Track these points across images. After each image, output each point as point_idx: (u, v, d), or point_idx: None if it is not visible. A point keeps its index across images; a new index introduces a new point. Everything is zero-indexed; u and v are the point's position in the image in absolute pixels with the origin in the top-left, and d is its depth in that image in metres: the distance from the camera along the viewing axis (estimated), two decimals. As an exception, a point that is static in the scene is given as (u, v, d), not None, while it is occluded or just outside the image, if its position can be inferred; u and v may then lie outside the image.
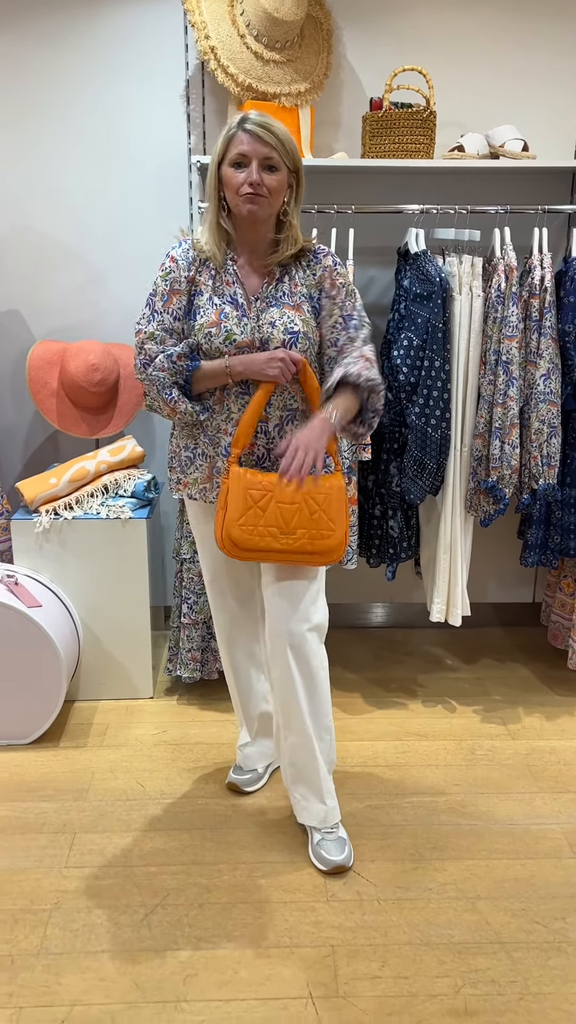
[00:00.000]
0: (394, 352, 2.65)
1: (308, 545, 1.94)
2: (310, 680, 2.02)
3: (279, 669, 2.04)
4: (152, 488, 2.88)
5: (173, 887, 2.03)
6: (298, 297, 1.96)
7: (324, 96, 2.90)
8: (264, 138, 1.84)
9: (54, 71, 2.89)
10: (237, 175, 1.87)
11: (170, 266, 1.97)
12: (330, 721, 2.09)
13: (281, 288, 1.96)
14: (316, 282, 1.98)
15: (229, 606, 2.22)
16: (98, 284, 3.08)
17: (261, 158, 1.85)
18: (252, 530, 1.92)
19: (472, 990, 1.75)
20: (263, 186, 1.86)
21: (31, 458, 3.21)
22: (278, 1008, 1.71)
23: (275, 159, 1.86)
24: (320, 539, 1.94)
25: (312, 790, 2.10)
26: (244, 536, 1.91)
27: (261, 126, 1.84)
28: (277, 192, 1.89)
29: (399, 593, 3.39)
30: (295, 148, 1.89)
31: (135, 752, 2.57)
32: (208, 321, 1.93)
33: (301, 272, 1.98)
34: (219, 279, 1.96)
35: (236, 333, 1.92)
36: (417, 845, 2.18)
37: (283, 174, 1.88)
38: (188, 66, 2.91)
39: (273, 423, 1.98)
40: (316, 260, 1.99)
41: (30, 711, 2.59)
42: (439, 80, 2.86)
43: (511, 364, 2.57)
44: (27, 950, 1.85)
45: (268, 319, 1.93)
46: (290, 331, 1.92)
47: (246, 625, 2.25)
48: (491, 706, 2.86)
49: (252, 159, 1.85)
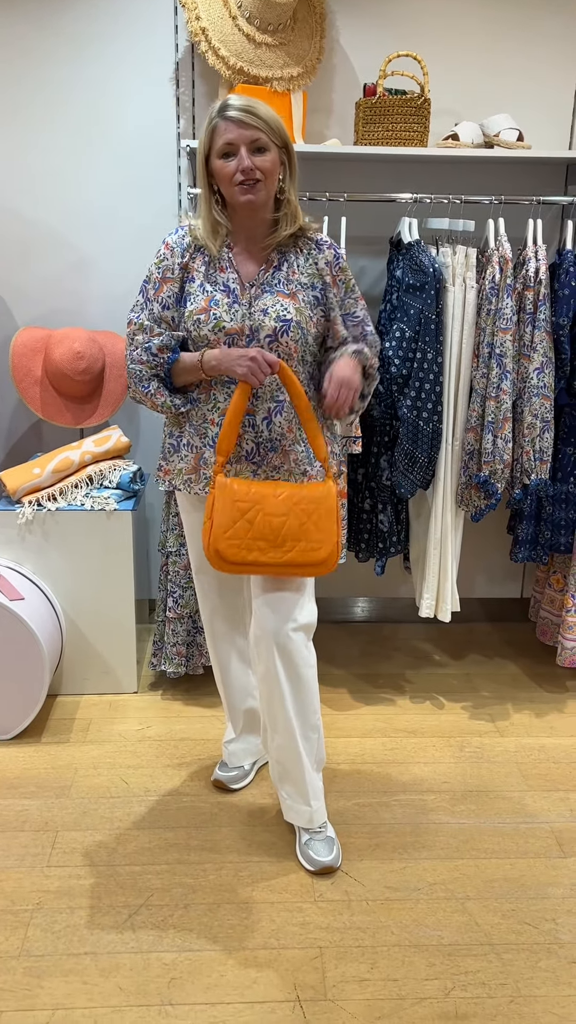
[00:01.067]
0: (386, 344, 2.60)
1: (298, 557, 1.87)
2: (296, 680, 1.98)
3: (264, 669, 2.00)
4: (138, 479, 2.82)
5: (157, 887, 1.99)
6: (295, 285, 1.91)
7: (316, 81, 2.85)
8: (248, 121, 1.79)
9: (39, 51, 2.82)
10: (228, 165, 1.82)
11: (164, 253, 1.94)
12: (318, 720, 2.05)
13: (278, 275, 1.91)
14: (318, 273, 1.93)
15: (214, 598, 2.18)
16: (83, 270, 3.01)
17: (249, 142, 1.80)
18: (240, 543, 1.85)
19: (462, 993, 1.72)
20: (256, 170, 1.81)
21: (13, 448, 3.15)
22: (265, 1012, 1.68)
23: (263, 140, 1.81)
24: (310, 551, 1.88)
25: (298, 791, 2.06)
26: (232, 550, 1.85)
27: (242, 110, 1.79)
28: (271, 173, 1.84)
29: (387, 588, 3.36)
30: (281, 125, 1.85)
31: (119, 748, 2.53)
32: (197, 308, 1.89)
33: (301, 259, 1.92)
34: (213, 266, 1.91)
35: (225, 320, 1.87)
36: (406, 844, 2.15)
37: (274, 153, 1.83)
38: (178, 48, 2.84)
39: (261, 415, 1.92)
40: (319, 251, 1.94)
41: (11, 706, 2.53)
42: (434, 67, 2.82)
43: (505, 357, 2.53)
44: (8, 952, 1.80)
45: (260, 306, 1.88)
46: (282, 319, 1.87)
47: (231, 617, 2.21)
48: (480, 703, 2.83)
49: (240, 145, 1.80)
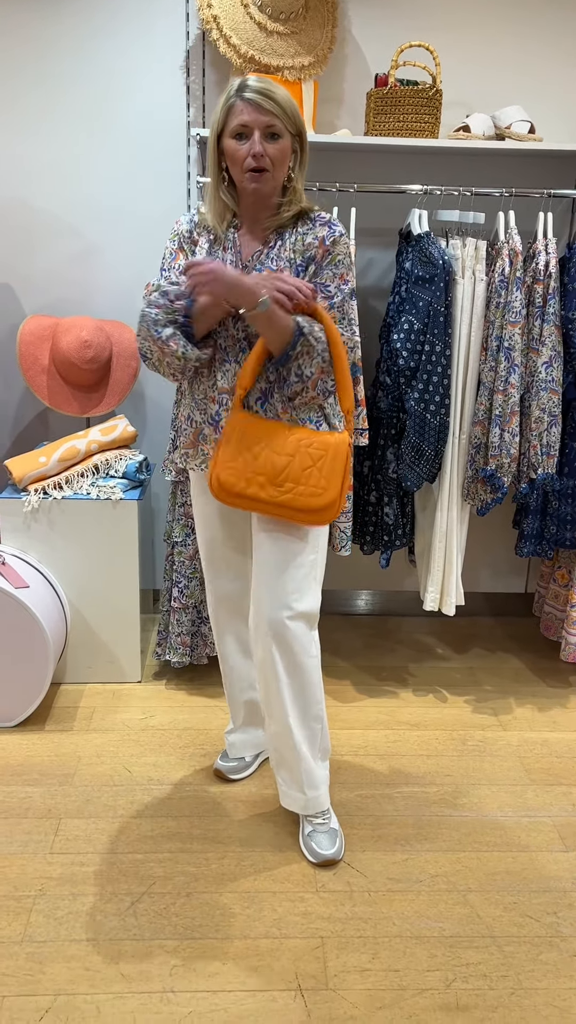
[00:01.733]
0: (394, 336, 2.60)
1: (294, 500, 1.85)
2: (293, 669, 1.97)
3: (260, 655, 2.00)
4: (144, 469, 2.82)
5: (160, 875, 1.99)
6: (283, 261, 1.89)
7: (327, 71, 2.83)
8: (265, 106, 1.77)
9: (48, 38, 2.81)
10: (240, 147, 1.81)
11: (175, 227, 1.98)
12: (321, 710, 2.05)
13: (270, 253, 1.90)
14: (304, 248, 1.89)
15: (223, 588, 2.18)
16: (92, 258, 3.00)
17: (263, 127, 1.79)
18: (240, 475, 1.84)
19: (463, 984, 1.73)
20: (266, 157, 1.80)
21: (20, 436, 3.14)
22: (266, 1000, 1.68)
23: (277, 126, 1.79)
24: (309, 496, 1.85)
25: (293, 778, 2.07)
26: (231, 479, 1.85)
27: (261, 93, 1.78)
28: (281, 162, 1.83)
29: (391, 581, 3.36)
30: (297, 112, 1.83)
31: (122, 737, 2.53)
32: None
33: (295, 237, 1.90)
34: (218, 243, 1.91)
35: None
36: (408, 836, 2.15)
37: (286, 141, 1.82)
38: (189, 36, 2.83)
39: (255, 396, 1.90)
40: (313, 226, 1.90)
41: (16, 693, 2.54)
42: (446, 58, 2.80)
43: (513, 351, 2.52)
44: (10, 937, 1.81)
45: None
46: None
47: (235, 607, 2.20)
48: (482, 696, 2.83)
49: (254, 129, 1.79)
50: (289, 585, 1.94)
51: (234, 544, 2.13)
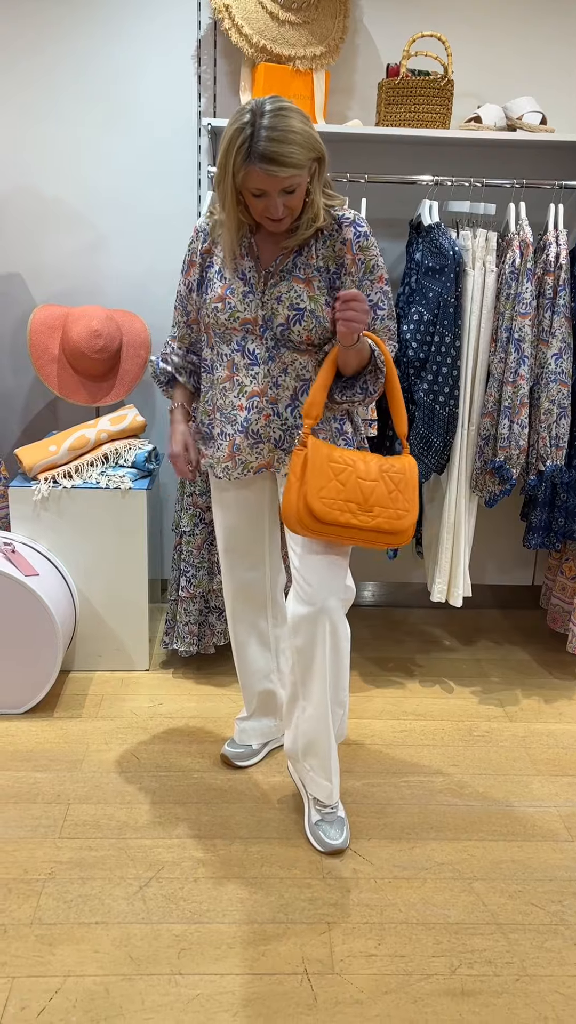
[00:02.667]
0: (403, 327, 2.60)
1: (384, 524, 1.89)
2: (335, 652, 1.98)
3: (305, 639, 1.96)
4: (153, 459, 2.83)
5: (168, 860, 2.01)
6: (311, 270, 1.88)
7: (339, 61, 2.83)
8: (281, 174, 1.70)
9: (60, 27, 2.81)
10: (258, 202, 1.78)
11: (192, 237, 2.00)
12: (346, 696, 2.07)
13: (297, 260, 1.88)
14: (334, 254, 1.88)
15: (242, 578, 2.19)
16: (102, 248, 3.01)
17: (280, 189, 1.75)
18: (332, 503, 1.85)
19: (468, 970, 1.74)
20: (286, 208, 1.79)
21: (30, 425, 3.16)
22: (273, 983, 1.70)
23: (296, 180, 1.75)
24: (396, 519, 1.90)
25: (322, 765, 2.06)
26: (324, 509, 1.84)
27: (276, 160, 1.68)
28: (299, 202, 1.81)
29: (399, 573, 3.37)
30: (314, 141, 1.75)
31: (130, 724, 2.55)
32: (214, 296, 1.91)
33: (320, 243, 1.89)
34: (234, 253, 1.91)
35: (240, 310, 1.88)
36: (414, 824, 2.16)
37: (303, 184, 1.78)
38: (200, 25, 2.83)
39: (284, 404, 1.94)
40: (338, 230, 1.88)
41: (25, 680, 2.56)
42: (458, 48, 2.80)
43: (523, 342, 2.52)
44: (20, 920, 1.83)
45: (275, 294, 1.87)
46: (295, 307, 1.85)
47: (252, 598, 2.21)
48: (489, 688, 2.84)
49: (271, 192, 1.75)
50: (339, 571, 1.96)
51: (253, 535, 2.14)
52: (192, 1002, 1.65)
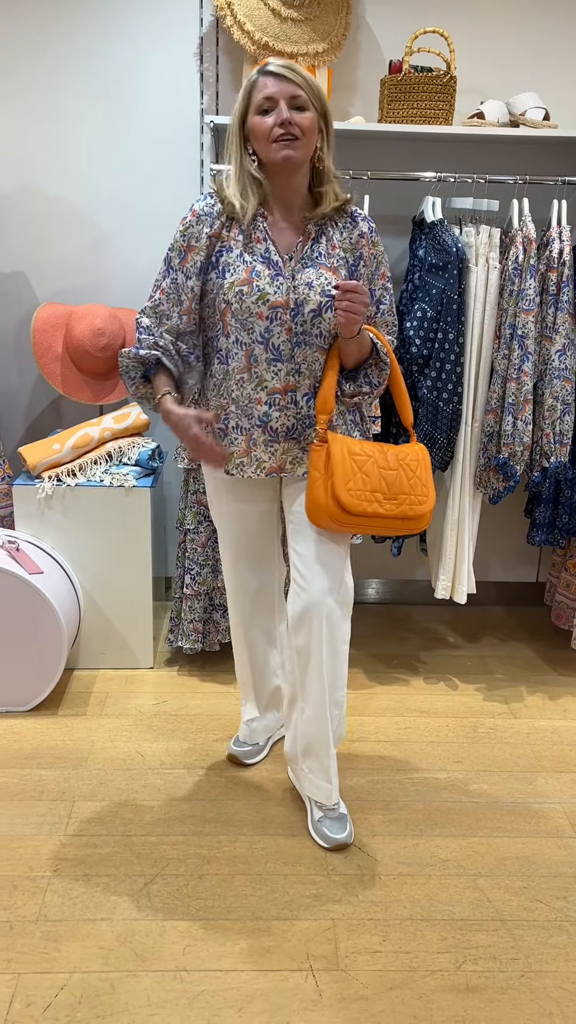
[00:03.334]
0: (407, 323, 2.60)
1: (409, 510, 1.94)
2: (333, 653, 1.99)
3: (304, 639, 1.97)
4: (156, 457, 2.83)
5: (173, 857, 2.01)
6: (336, 259, 1.89)
7: (341, 58, 2.82)
8: (289, 76, 1.77)
9: (62, 25, 2.81)
10: (266, 120, 1.77)
11: (190, 220, 1.89)
12: (343, 696, 2.07)
13: (318, 248, 1.88)
14: (353, 246, 1.91)
15: (249, 584, 2.17)
16: (105, 246, 3.01)
17: (288, 97, 1.76)
18: (360, 495, 1.88)
19: (473, 966, 1.74)
20: (295, 125, 1.77)
21: (33, 423, 3.16)
22: (278, 980, 1.70)
23: (303, 98, 1.77)
24: (417, 504, 1.95)
25: (321, 766, 2.07)
26: (353, 501, 1.87)
27: (284, 66, 1.78)
28: (310, 132, 1.79)
29: (403, 570, 3.37)
30: (321, 90, 1.81)
31: (135, 722, 2.55)
32: (239, 279, 1.84)
33: (339, 234, 1.90)
34: (249, 235, 1.87)
35: (270, 293, 1.84)
36: (418, 821, 2.16)
37: (313, 113, 1.79)
38: (202, 23, 2.83)
39: (302, 392, 1.92)
40: (354, 224, 1.91)
41: (29, 678, 2.56)
42: (461, 44, 2.79)
43: (526, 338, 2.52)
44: (26, 917, 1.83)
45: (304, 279, 1.85)
46: (327, 294, 1.84)
47: (263, 599, 2.21)
48: (493, 685, 2.84)
49: (279, 99, 1.76)
50: (339, 572, 1.97)
51: (260, 543, 2.14)
52: (197, 998, 1.65)
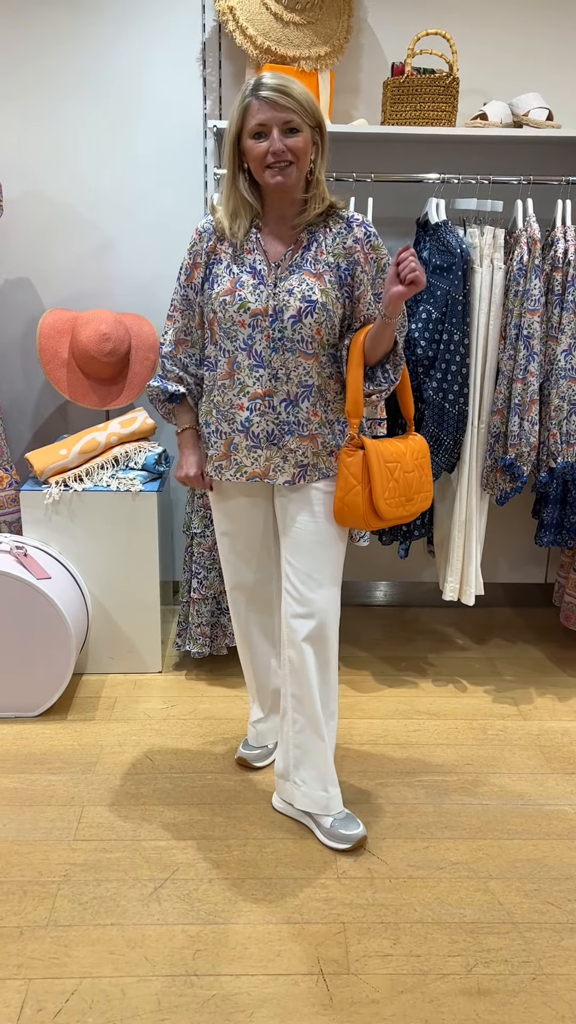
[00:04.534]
0: (412, 325, 2.59)
1: (420, 506, 2.03)
2: (324, 664, 2.01)
3: (297, 652, 2.01)
4: (163, 461, 2.84)
5: (182, 862, 2.01)
6: (322, 265, 1.89)
7: (344, 61, 2.83)
8: (281, 103, 1.76)
9: (65, 31, 2.82)
10: (259, 145, 1.79)
11: (194, 238, 1.96)
12: (335, 706, 2.09)
13: (306, 255, 1.89)
14: (345, 251, 1.90)
15: (243, 579, 2.18)
16: (109, 251, 3.02)
17: (281, 124, 1.78)
18: (393, 502, 1.95)
19: (484, 969, 1.73)
20: (287, 152, 1.79)
21: (40, 429, 3.17)
22: (288, 984, 1.70)
23: (296, 121, 1.78)
24: (425, 499, 2.05)
25: (316, 776, 2.07)
26: (388, 508, 1.94)
27: (276, 90, 1.76)
28: (303, 154, 1.82)
29: (410, 572, 3.36)
30: (315, 105, 1.82)
31: (144, 726, 2.56)
32: (223, 290, 1.89)
33: (330, 240, 1.90)
34: (240, 247, 1.90)
35: (250, 301, 1.87)
36: (428, 824, 2.16)
37: (306, 134, 1.81)
38: (205, 28, 2.84)
39: (279, 398, 1.92)
40: (348, 229, 1.90)
41: (38, 683, 2.57)
42: (463, 45, 2.79)
43: (532, 339, 2.51)
44: (36, 922, 1.83)
45: (286, 287, 1.87)
46: (307, 299, 1.86)
47: (260, 599, 2.22)
48: (502, 686, 2.83)
49: (272, 127, 1.78)
50: (330, 585, 2.00)
51: (253, 542, 2.14)
52: (208, 1003, 1.65)
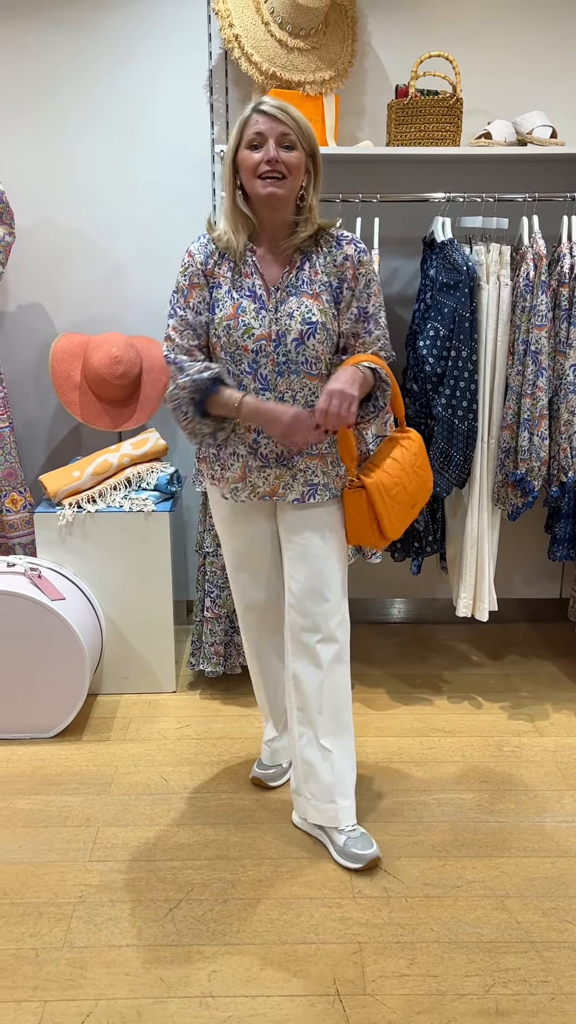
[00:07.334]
0: (420, 342, 2.61)
1: (423, 503, 2.11)
2: (330, 678, 2.02)
3: (302, 667, 2.02)
4: (175, 481, 2.86)
5: (197, 882, 2.01)
6: (317, 285, 1.91)
7: (348, 84, 2.87)
8: (280, 117, 1.82)
9: (76, 60, 2.88)
10: (253, 155, 1.84)
11: (188, 261, 1.95)
12: (349, 718, 2.08)
13: (301, 276, 1.92)
14: (336, 269, 1.93)
15: (254, 599, 2.19)
16: (120, 276, 3.06)
17: (277, 136, 1.83)
18: (402, 522, 2.02)
19: (503, 989, 1.72)
20: (281, 163, 1.82)
21: (54, 451, 3.20)
22: (305, 1005, 1.68)
23: (292, 137, 1.83)
24: (427, 493, 2.11)
25: (322, 788, 2.06)
26: (397, 531, 2.01)
27: (276, 107, 1.84)
28: (296, 170, 1.85)
29: (423, 588, 3.35)
30: (311, 132, 1.87)
31: (158, 746, 2.56)
32: (226, 315, 1.91)
33: (322, 259, 1.93)
34: (238, 271, 1.92)
35: (255, 327, 1.89)
36: (444, 842, 2.14)
37: (300, 153, 1.85)
38: (211, 55, 2.89)
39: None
40: (338, 247, 1.93)
41: (53, 705, 2.58)
42: (466, 66, 2.82)
43: (540, 354, 2.52)
44: (51, 943, 1.83)
45: (286, 310, 1.89)
46: (308, 322, 1.88)
47: (271, 618, 2.22)
48: (518, 703, 2.82)
49: (269, 137, 1.83)
50: (335, 600, 2.01)
51: (261, 559, 2.14)
52: (224, 1024, 1.64)
